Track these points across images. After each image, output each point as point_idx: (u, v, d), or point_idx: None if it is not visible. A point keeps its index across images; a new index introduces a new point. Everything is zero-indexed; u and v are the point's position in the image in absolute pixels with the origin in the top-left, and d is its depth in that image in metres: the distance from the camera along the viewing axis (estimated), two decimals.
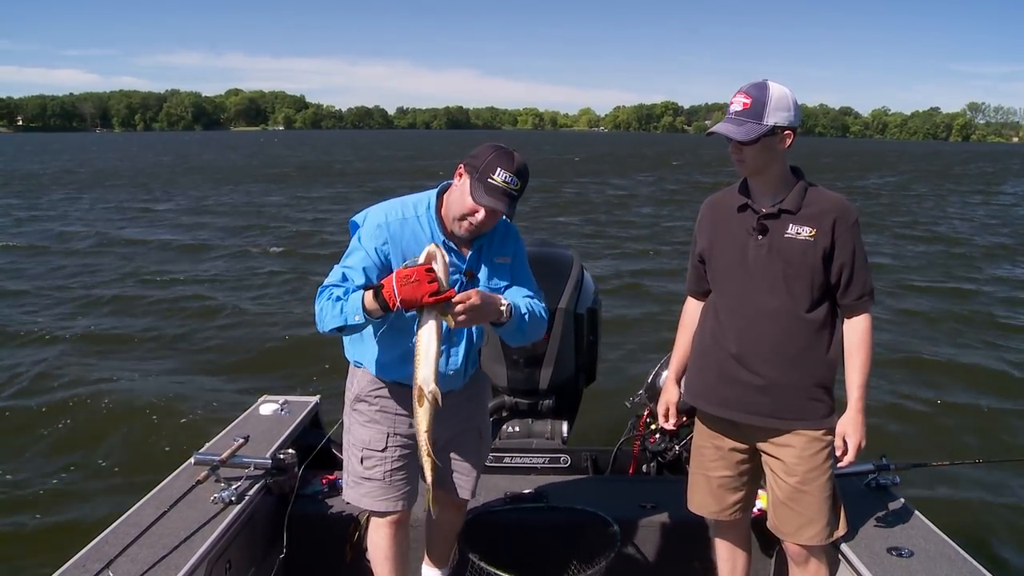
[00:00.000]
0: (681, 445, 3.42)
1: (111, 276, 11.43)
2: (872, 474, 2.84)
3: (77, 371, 6.93)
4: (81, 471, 5.02)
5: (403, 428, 2.32)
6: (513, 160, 2.09)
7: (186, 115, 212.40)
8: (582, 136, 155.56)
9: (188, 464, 2.79)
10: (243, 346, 7.90)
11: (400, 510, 2.38)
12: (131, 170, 37.71)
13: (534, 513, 2.87)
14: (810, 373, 2.20)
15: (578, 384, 3.65)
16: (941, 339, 8.46)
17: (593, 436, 4.23)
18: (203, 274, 11.67)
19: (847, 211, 2.16)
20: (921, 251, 14.62)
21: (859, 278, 2.17)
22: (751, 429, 2.29)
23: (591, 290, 3.60)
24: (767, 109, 2.08)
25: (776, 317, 2.18)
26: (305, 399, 3.64)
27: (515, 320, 2.16)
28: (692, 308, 2.50)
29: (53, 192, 25.32)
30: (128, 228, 16.63)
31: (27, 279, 11.15)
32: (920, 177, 38.71)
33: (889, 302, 9.84)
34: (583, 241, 14.98)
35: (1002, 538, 4.28)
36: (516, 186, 2.08)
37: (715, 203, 2.37)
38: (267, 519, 2.79)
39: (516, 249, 2.36)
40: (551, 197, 23.46)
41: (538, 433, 3.52)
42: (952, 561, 2.33)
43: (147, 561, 2.19)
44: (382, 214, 2.21)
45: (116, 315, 9.13)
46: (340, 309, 2.05)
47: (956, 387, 6.86)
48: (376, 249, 2.16)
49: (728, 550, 2.54)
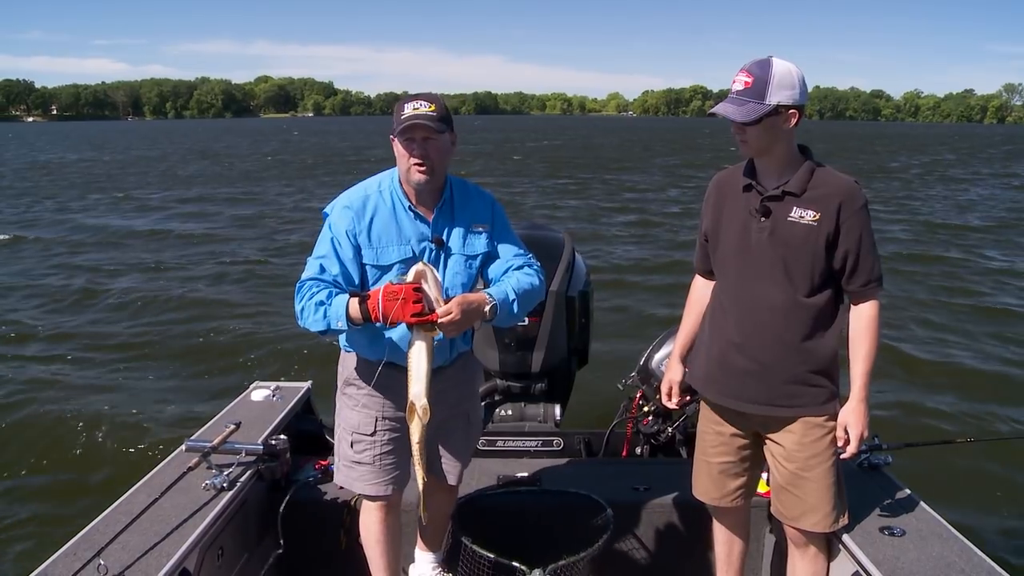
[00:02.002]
0: (674, 427, 3.43)
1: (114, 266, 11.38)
2: (864, 454, 2.83)
3: (64, 362, 6.90)
4: (71, 461, 5.01)
5: (392, 411, 2.30)
6: (417, 95, 2.13)
7: (216, 102, 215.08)
8: (611, 120, 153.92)
9: (179, 451, 2.78)
10: (234, 330, 7.88)
11: (390, 494, 2.37)
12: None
13: (527, 496, 2.87)
14: (809, 359, 2.15)
15: (570, 367, 3.64)
16: (933, 319, 8.50)
17: (586, 419, 4.23)
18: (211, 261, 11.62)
19: (854, 194, 2.07)
20: (911, 230, 14.67)
21: (865, 264, 2.09)
22: (751, 415, 2.27)
23: (583, 273, 3.59)
24: (769, 87, 2.00)
25: (774, 302, 2.14)
26: (297, 385, 3.62)
27: (504, 313, 2.16)
28: (699, 287, 2.46)
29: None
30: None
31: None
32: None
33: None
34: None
35: (993, 517, 4.32)
36: (428, 108, 2.09)
37: (722, 181, 2.31)
38: (259, 505, 2.77)
39: (493, 214, 2.33)
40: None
41: (531, 416, 3.51)
42: (944, 539, 2.34)
43: (139, 548, 2.18)
44: (347, 197, 2.23)
45: (109, 309, 9.09)
46: (323, 314, 2.06)
47: (948, 366, 6.90)
48: (346, 231, 2.16)
49: (726, 534, 2.54)
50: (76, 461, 5.00)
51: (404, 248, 2.19)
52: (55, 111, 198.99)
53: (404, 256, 2.19)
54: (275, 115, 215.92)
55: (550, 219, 14.80)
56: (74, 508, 4.24)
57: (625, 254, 12.23)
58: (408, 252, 2.19)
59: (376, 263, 2.19)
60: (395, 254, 2.19)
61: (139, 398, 6.02)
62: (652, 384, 3.41)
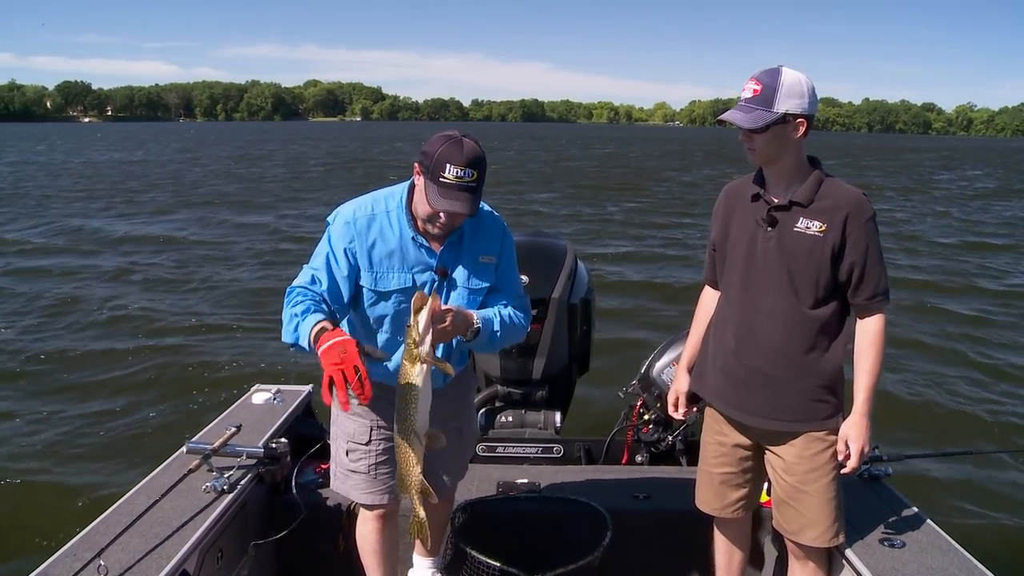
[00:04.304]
0: (675, 436, 3.43)
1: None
2: (864, 465, 2.83)
3: (64, 364, 6.91)
4: (72, 461, 5.00)
5: (387, 422, 2.28)
6: (463, 150, 1.95)
7: (266, 105, 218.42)
8: (658, 131, 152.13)
9: (180, 453, 2.78)
10: (237, 334, 7.89)
11: (386, 503, 2.36)
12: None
13: (527, 503, 2.87)
14: (813, 373, 2.14)
15: (571, 374, 3.65)
16: (934, 329, 8.49)
17: (586, 426, 4.23)
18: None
19: (862, 206, 2.06)
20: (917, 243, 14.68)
21: (872, 277, 2.07)
22: (753, 427, 2.26)
23: (585, 280, 3.59)
24: (778, 96, 2.00)
25: (777, 313, 2.13)
26: (298, 388, 3.62)
27: (483, 338, 2.12)
28: (708, 297, 2.45)
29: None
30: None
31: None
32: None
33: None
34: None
35: (993, 529, 4.30)
36: (471, 178, 1.95)
37: (731, 191, 2.31)
38: (259, 508, 2.78)
39: (504, 248, 2.24)
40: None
41: (531, 423, 3.52)
42: (944, 551, 2.33)
43: (139, 550, 2.18)
44: (351, 211, 2.14)
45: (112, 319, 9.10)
46: (295, 327, 1.99)
47: (949, 378, 6.90)
48: (344, 249, 2.10)
49: (726, 544, 2.54)
50: (77, 462, 4.99)
51: (405, 277, 2.13)
52: (110, 112, 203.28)
53: (404, 285, 2.13)
54: (323, 119, 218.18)
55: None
56: (74, 509, 4.24)
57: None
58: (408, 281, 2.13)
59: (374, 288, 2.13)
60: (395, 282, 2.13)
61: (141, 400, 6.03)
62: (653, 392, 3.41)
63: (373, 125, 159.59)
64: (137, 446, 5.13)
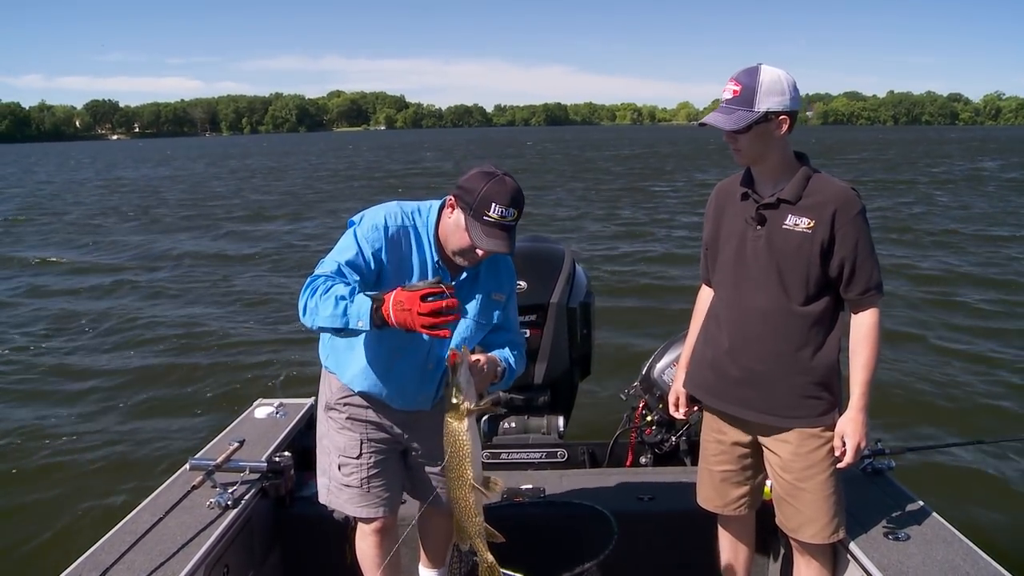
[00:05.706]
0: (678, 436, 3.43)
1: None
2: (867, 459, 2.83)
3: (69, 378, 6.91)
4: (75, 481, 5.00)
5: (376, 434, 2.29)
6: (507, 189, 1.97)
7: (290, 117, 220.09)
8: (682, 131, 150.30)
9: (184, 469, 2.78)
10: (238, 347, 7.89)
11: (382, 516, 2.35)
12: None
13: (532, 508, 2.87)
14: (806, 370, 2.14)
15: (573, 378, 3.65)
16: (933, 320, 8.49)
17: (589, 429, 4.23)
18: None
19: (850, 201, 2.06)
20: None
21: (863, 272, 2.07)
22: (750, 423, 2.27)
23: (583, 284, 3.60)
24: (757, 95, 2.01)
25: (767, 311, 2.14)
26: (300, 401, 3.63)
27: (508, 377, 2.18)
28: (705, 297, 2.46)
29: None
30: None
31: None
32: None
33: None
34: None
35: (998, 519, 4.29)
36: (513, 217, 1.98)
37: (721, 190, 2.33)
38: (264, 522, 2.78)
39: (512, 286, 2.30)
40: None
41: (534, 428, 3.52)
42: (949, 543, 2.33)
43: (144, 568, 2.18)
44: (382, 217, 2.10)
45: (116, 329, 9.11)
46: (343, 310, 1.86)
47: (951, 368, 6.89)
48: (373, 253, 2.06)
49: (731, 542, 2.54)
50: (81, 481, 4.99)
51: None
52: (137, 128, 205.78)
53: None
54: (347, 128, 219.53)
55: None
56: (79, 527, 4.24)
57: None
58: None
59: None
60: None
61: (144, 417, 6.03)
62: (655, 394, 3.41)
63: (400, 133, 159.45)
64: (141, 462, 5.13)
